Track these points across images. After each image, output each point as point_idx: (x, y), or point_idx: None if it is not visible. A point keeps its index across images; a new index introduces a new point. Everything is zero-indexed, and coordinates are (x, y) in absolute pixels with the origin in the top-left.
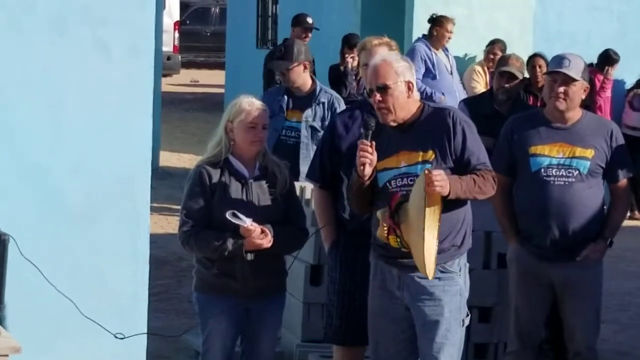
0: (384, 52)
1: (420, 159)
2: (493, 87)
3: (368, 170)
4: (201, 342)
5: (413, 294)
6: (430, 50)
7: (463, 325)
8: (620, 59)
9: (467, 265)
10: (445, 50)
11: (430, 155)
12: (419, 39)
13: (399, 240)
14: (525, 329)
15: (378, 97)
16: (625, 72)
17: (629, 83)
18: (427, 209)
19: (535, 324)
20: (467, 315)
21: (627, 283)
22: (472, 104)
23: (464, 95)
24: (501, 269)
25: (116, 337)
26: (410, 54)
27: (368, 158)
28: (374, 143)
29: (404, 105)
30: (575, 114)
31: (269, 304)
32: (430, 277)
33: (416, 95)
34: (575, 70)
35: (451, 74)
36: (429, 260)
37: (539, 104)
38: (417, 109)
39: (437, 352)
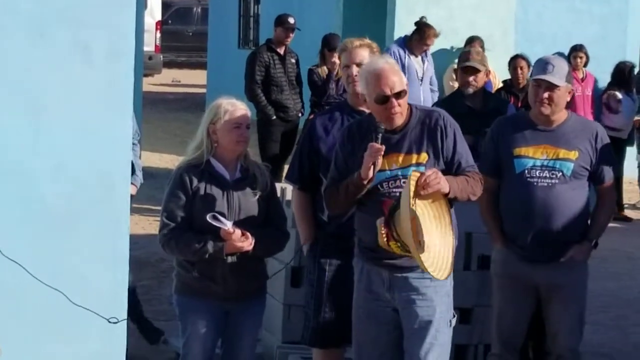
0: (381, 57)
1: (414, 161)
2: (458, 84)
3: (372, 173)
4: (181, 345)
5: (404, 294)
6: (405, 53)
7: (450, 325)
8: (582, 48)
9: None
10: (425, 55)
11: (424, 157)
12: (397, 40)
13: (399, 245)
14: (508, 332)
15: (396, 102)
16: (605, 74)
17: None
18: (422, 211)
19: (517, 327)
20: (454, 316)
21: (608, 284)
22: (445, 104)
23: (430, 104)
24: (482, 271)
25: (110, 321)
26: None
27: (378, 161)
28: (383, 147)
29: (406, 107)
30: (561, 116)
31: (249, 307)
32: (440, 278)
33: None
34: (559, 75)
35: (421, 80)
36: (430, 262)
37: (519, 105)
38: (408, 111)
39: (426, 353)
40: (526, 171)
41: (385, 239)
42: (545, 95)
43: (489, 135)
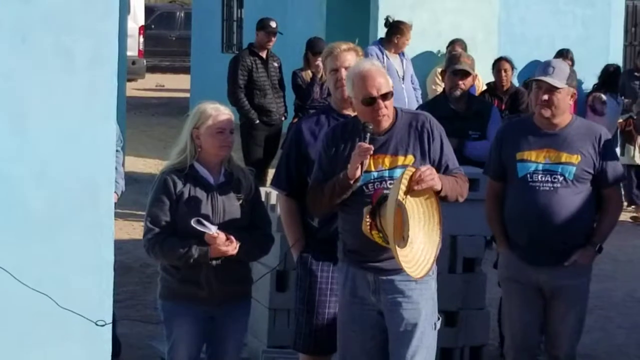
0: (366, 59)
1: (400, 163)
2: (445, 87)
3: (359, 173)
4: (166, 350)
5: (390, 297)
6: (382, 53)
7: (435, 328)
8: (568, 53)
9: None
10: (402, 55)
11: (410, 159)
12: (373, 43)
13: (381, 235)
14: (520, 335)
15: (383, 104)
16: (588, 75)
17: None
18: (412, 207)
19: (529, 329)
20: (438, 319)
21: (592, 286)
22: (429, 107)
23: (414, 102)
24: (466, 273)
25: (97, 324)
26: None
27: (367, 160)
28: (372, 146)
29: (392, 109)
30: (564, 119)
31: (234, 311)
32: (415, 276)
33: None
34: (559, 77)
35: (402, 79)
36: (409, 258)
37: (503, 107)
38: (393, 114)
39: (412, 356)
40: (528, 175)
41: (368, 228)
42: (545, 97)
43: (494, 139)
